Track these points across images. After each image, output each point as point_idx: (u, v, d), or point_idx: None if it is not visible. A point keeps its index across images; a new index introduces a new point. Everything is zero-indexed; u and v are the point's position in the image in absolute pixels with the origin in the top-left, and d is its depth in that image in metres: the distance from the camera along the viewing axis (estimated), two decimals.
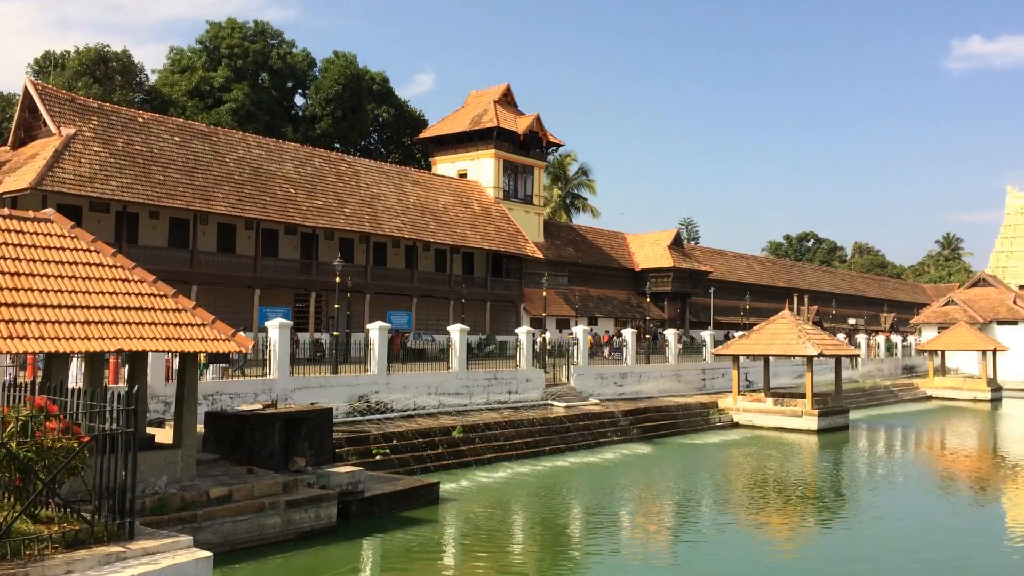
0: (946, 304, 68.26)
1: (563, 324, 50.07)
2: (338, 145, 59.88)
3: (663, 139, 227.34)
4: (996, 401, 51.80)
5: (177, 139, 35.34)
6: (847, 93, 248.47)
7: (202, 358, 18.76)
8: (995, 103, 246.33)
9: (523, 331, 32.22)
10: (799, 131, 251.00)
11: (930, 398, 52.35)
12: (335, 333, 28.88)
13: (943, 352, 57.60)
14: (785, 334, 35.71)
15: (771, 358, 38.84)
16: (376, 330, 26.14)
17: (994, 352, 55.13)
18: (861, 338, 58.46)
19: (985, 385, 52.89)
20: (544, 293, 42.88)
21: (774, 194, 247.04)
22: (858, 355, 49.41)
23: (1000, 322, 65.36)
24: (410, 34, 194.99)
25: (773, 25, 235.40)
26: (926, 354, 57.90)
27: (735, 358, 37.38)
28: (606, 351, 43.64)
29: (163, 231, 34.92)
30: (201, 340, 13.99)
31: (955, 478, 26.99)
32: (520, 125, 52.17)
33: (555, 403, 31.54)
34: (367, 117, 63.23)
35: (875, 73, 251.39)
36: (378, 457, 22.18)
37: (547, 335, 38.67)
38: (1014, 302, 67.95)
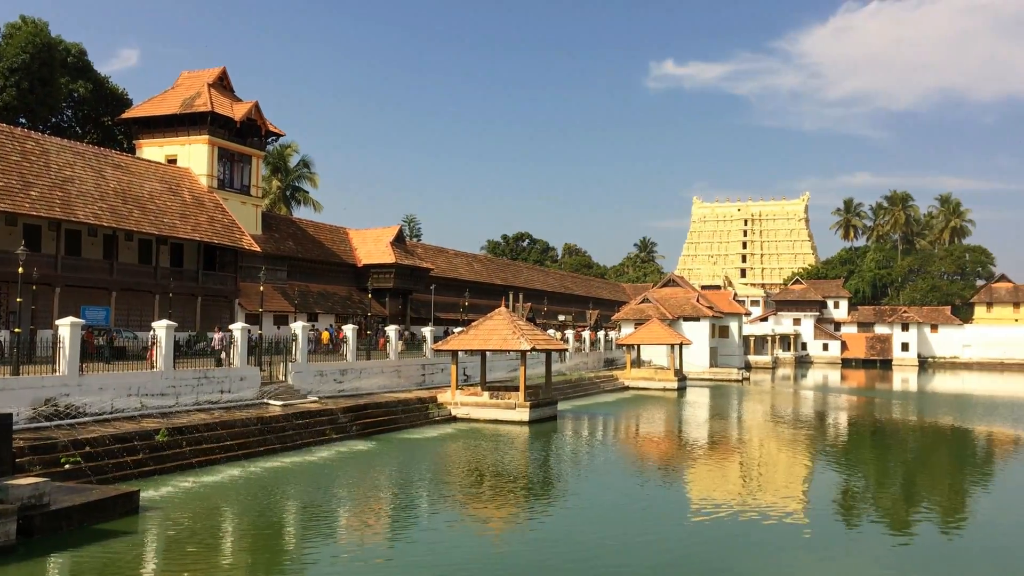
0: (642, 302, 74.94)
1: (281, 320, 48.42)
2: (24, 120, 53.38)
3: (388, 137, 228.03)
4: (682, 390, 57.70)
5: None
6: (561, 104, 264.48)
7: None
8: (685, 121, 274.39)
9: (238, 327, 30.72)
10: (516, 136, 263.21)
11: (627, 388, 57.12)
12: (17, 330, 25.63)
13: (639, 346, 63.12)
14: (501, 330, 37.16)
15: (488, 353, 40.26)
16: (67, 326, 23.62)
17: (680, 346, 61.43)
18: (569, 333, 62.47)
19: (673, 376, 58.73)
20: (261, 288, 41.18)
21: (493, 195, 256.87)
22: (567, 349, 52.67)
23: (686, 318, 72.97)
24: (113, 5, 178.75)
25: (497, 29, 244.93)
26: (624, 348, 63.11)
27: (454, 353, 38.31)
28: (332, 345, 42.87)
29: None
30: None
31: (647, 461, 29.62)
32: (237, 111, 49.64)
33: (272, 402, 30.42)
34: (60, 91, 56.92)
35: (586, 87, 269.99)
36: (68, 466, 20.01)
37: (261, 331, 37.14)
38: (697, 301, 76.19)
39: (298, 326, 34.39)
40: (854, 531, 19.73)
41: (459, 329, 44.03)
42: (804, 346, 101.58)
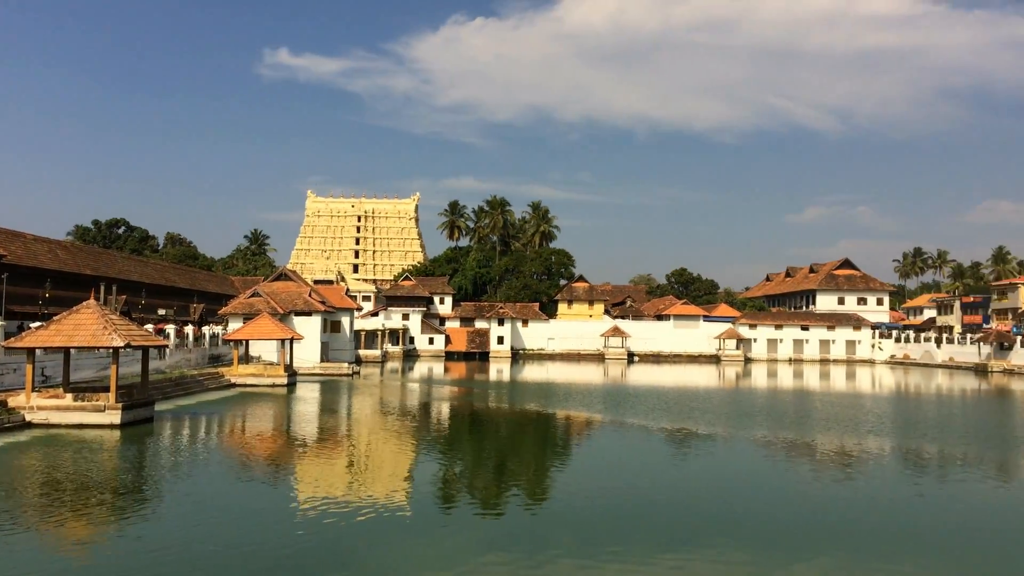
0: (252, 296, 72.55)
1: None
2: None
3: None
4: (292, 385, 56.89)
5: None
6: (163, 81, 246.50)
7: None
8: (300, 113, 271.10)
9: None
10: (110, 111, 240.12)
11: (234, 385, 54.87)
12: None
13: (247, 341, 60.99)
14: (90, 325, 33.48)
15: (73, 351, 36.05)
16: None
17: (291, 341, 60.54)
18: (170, 328, 58.34)
19: (283, 371, 57.65)
20: None
21: (82, 176, 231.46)
22: (167, 346, 49.06)
23: (298, 313, 72.12)
24: None
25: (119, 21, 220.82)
26: (232, 343, 60.58)
27: (30, 351, 33.70)
28: None
29: None
30: None
31: (252, 459, 28.65)
32: None
33: None
34: None
35: (194, 66, 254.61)
36: None
37: None
38: (310, 295, 75.69)
39: None
40: (454, 513, 20.92)
41: (38, 324, 38.85)
42: (412, 340, 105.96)
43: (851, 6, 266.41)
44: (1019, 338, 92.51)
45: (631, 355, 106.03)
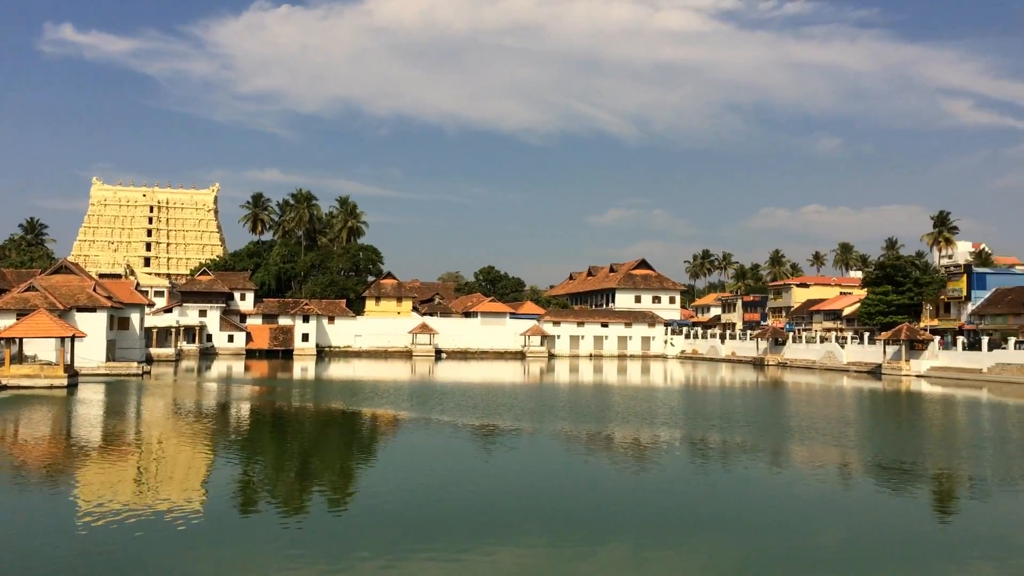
0: (27, 290, 66.26)
1: None
2: None
3: None
4: (73, 387, 52.50)
5: None
6: None
7: None
8: (85, 94, 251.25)
9: None
10: None
11: (5, 388, 49.95)
12: None
13: (21, 339, 55.71)
14: None
15: None
16: None
17: (73, 339, 55.86)
18: None
19: (62, 372, 53.09)
20: None
21: None
22: None
23: (80, 309, 66.67)
24: None
25: None
26: (3, 342, 55.10)
27: None
28: None
29: None
30: None
31: (28, 468, 26.13)
32: None
33: None
34: None
35: None
36: None
37: None
38: (94, 290, 70.21)
39: None
40: (253, 517, 20.03)
41: None
42: (210, 338, 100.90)
43: (649, 20, 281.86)
44: (791, 334, 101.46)
45: (439, 352, 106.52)
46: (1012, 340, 73.18)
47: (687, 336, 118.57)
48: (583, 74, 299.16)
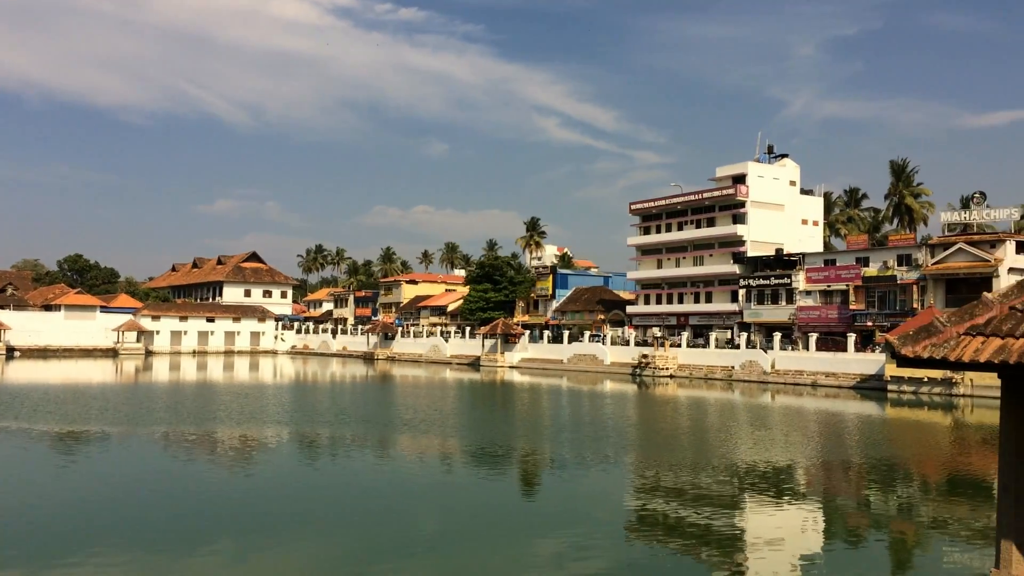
0: None
1: None
2: None
3: None
4: None
5: None
6: None
7: None
8: None
9: None
10: None
11: None
12: None
13: None
14: None
15: None
16: None
17: None
18: None
19: None
20: None
21: None
22: None
23: None
24: None
25: None
26: None
27: None
28: None
29: None
30: None
31: None
32: None
33: None
34: None
35: None
36: None
37: None
38: None
39: None
40: None
41: None
42: None
43: (264, 5, 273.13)
44: (400, 329, 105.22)
45: (11, 350, 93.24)
46: (587, 334, 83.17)
47: (299, 331, 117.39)
48: (191, 53, 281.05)
